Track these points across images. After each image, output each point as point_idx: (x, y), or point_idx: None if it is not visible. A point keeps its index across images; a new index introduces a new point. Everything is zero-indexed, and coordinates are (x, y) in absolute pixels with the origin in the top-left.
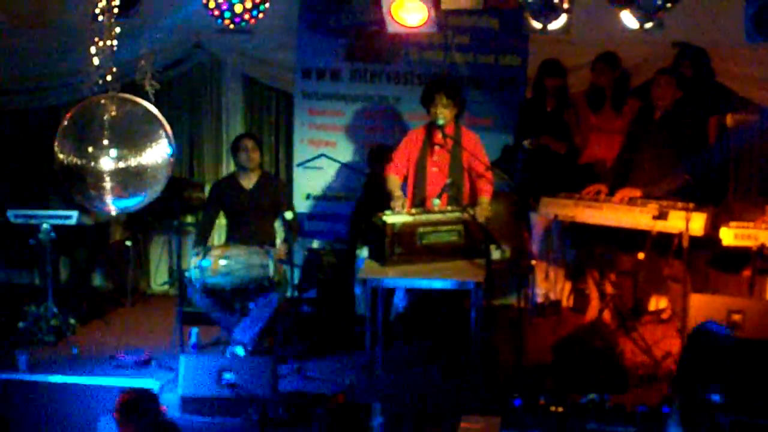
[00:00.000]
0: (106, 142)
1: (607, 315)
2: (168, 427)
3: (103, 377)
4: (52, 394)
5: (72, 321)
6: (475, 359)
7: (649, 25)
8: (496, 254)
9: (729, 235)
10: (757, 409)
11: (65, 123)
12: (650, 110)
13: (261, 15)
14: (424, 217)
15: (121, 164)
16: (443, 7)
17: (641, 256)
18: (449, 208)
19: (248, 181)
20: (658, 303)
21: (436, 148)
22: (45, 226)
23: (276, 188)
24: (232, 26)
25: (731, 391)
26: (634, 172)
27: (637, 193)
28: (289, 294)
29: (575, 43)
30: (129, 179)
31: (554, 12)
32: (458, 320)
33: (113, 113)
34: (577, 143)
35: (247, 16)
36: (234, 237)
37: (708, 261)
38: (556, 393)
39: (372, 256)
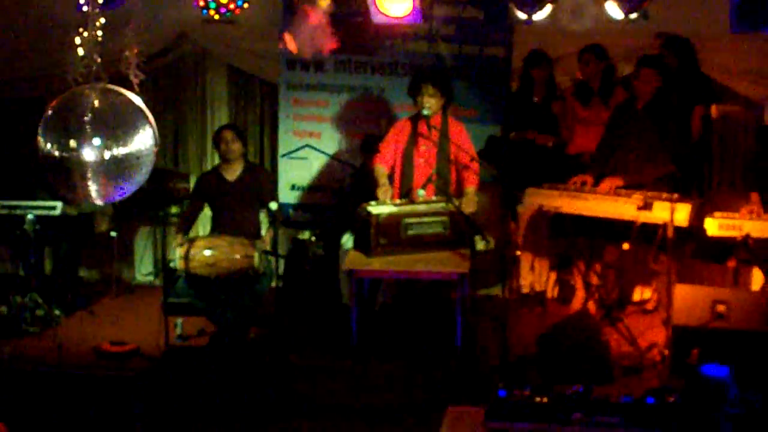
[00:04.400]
0: (89, 132)
1: (591, 306)
2: None
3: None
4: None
5: (57, 312)
6: (460, 350)
7: (633, 15)
8: (480, 245)
9: (713, 226)
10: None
11: (48, 114)
12: (632, 100)
13: (246, 5)
14: (408, 208)
15: (105, 155)
16: None
17: (626, 246)
18: (434, 198)
19: (232, 173)
20: (642, 293)
21: (422, 138)
22: (29, 216)
23: (260, 179)
24: (217, 17)
25: None
26: (617, 162)
27: (620, 182)
28: (273, 284)
29: (560, 34)
30: (113, 170)
31: (539, 2)
32: (443, 311)
33: (97, 104)
34: (564, 136)
35: (232, 6)
36: (219, 228)
37: (693, 251)
38: (540, 384)
39: (357, 246)
